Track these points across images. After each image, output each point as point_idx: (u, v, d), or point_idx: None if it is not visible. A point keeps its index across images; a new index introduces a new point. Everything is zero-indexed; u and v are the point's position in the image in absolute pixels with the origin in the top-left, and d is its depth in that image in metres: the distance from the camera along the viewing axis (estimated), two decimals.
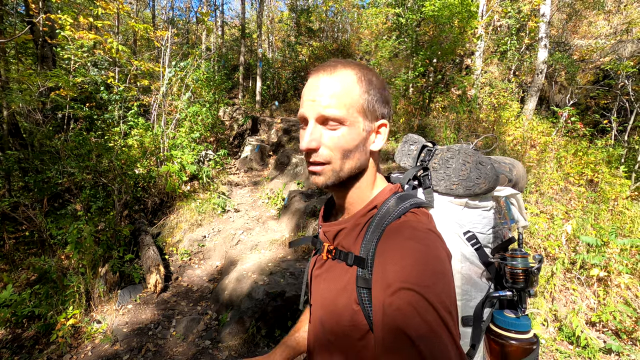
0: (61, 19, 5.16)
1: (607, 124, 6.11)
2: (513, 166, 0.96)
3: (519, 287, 0.80)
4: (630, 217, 4.29)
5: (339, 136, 0.65)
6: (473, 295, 0.79)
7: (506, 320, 0.78)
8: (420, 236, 0.61)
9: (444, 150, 0.88)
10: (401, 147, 0.99)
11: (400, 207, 0.67)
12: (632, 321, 3.14)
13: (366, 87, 0.66)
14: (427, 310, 0.53)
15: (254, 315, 3.03)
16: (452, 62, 8.91)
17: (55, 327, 3.04)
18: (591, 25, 10.10)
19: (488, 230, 0.84)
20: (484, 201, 0.84)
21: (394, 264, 0.59)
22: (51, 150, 4.78)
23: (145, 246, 4.09)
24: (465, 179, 0.81)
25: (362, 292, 0.65)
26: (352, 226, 0.72)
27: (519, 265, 0.80)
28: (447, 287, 0.57)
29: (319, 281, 0.77)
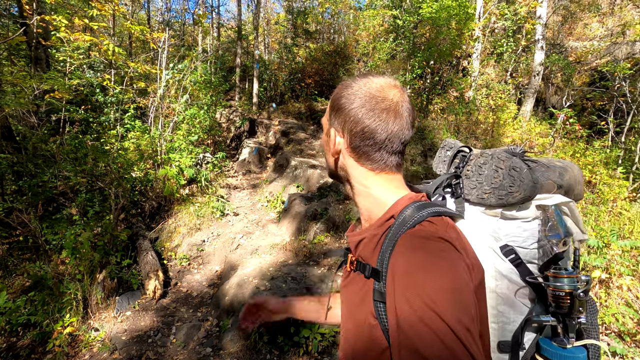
0: (56, 21, 5.08)
1: (604, 125, 6.15)
2: (565, 170, 0.84)
3: (562, 313, 0.71)
4: (629, 218, 4.31)
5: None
6: (512, 318, 0.72)
7: (553, 351, 0.68)
8: (432, 246, 0.58)
9: (478, 155, 0.82)
10: (438, 153, 0.93)
11: (416, 215, 0.64)
12: (634, 323, 3.14)
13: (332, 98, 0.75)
14: (441, 329, 0.50)
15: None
16: (449, 64, 8.94)
17: (52, 335, 2.97)
18: (586, 27, 10.20)
19: (531, 244, 0.76)
20: (522, 211, 0.76)
21: (403, 278, 0.56)
22: (46, 154, 4.69)
23: (144, 251, 4.02)
24: (497, 187, 0.75)
25: (379, 306, 0.62)
26: (371, 236, 0.70)
27: (565, 287, 0.70)
28: (462, 301, 0.53)
29: (345, 292, 0.76)
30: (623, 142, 5.96)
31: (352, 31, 13.09)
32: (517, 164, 0.76)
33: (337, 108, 0.71)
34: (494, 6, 8.00)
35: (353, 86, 0.69)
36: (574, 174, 0.85)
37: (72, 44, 5.48)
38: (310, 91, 11.31)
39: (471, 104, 7.00)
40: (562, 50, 9.39)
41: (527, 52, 8.79)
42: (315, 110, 10.34)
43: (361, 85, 0.69)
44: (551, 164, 0.85)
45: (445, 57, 8.15)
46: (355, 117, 0.68)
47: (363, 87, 0.68)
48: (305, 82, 11.41)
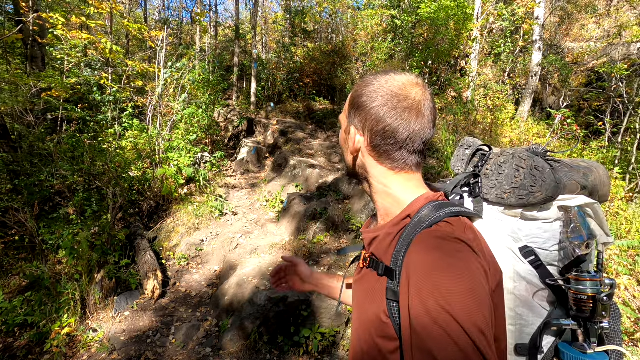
0: (52, 18, 5.03)
1: (601, 126, 6.19)
2: (590, 170, 0.81)
3: (584, 317, 0.69)
4: (626, 218, 4.34)
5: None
6: (530, 321, 0.70)
7: (572, 356, 0.66)
8: (448, 246, 0.57)
9: (498, 154, 0.81)
10: (457, 152, 0.92)
11: (433, 215, 0.63)
12: (631, 322, 3.15)
13: (351, 95, 0.74)
14: (455, 331, 0.49)
15: (256, 322, 2.96)
16: (448, 64, 8.96)
17: (49, 336, 2.94)
18: (583, 29, 10.26)
19: (552, 246, 0.74)
20: (543, 212, 0.74)
21: (418, 278, 0.55)
22: (43, 153, 4.65)
23: (142, 251, 4.00)
24: (518, 187, 0.73)
25: (392, 305, 0.61)
26: (385, 235, 0.69)
27: (588, 290, 0.67)
28: (477, 304, 0.52)
29: (356, 288, 0.76)
30: (620, 142, 6.00)
31: (351, 31, 13.09)
32: (539, 163, 0.74)
33: (358, 106, 0.70)
34: (492, 7, 8.03)
35: (374, 83, 0.68)
36: (599, 174, 0.83)
37: (69, 42, 5.43)
38: (309, 91, 11.30)
39: (469, 104, 7.02)
40: (559, 51, 9.45)
41: (525, 53, 8.83)
42: (314, 109, 10.33)
43: (383, 83, 0.67)
44: (575, 164, 0.82)
45: (444, 57, 8.18)
46: (377, 116, 0.67)
47: (385, 85, 0.67)
48: (303, 81, 11.39)
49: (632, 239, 3.90)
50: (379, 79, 0.68)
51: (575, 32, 10.35)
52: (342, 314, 2.98)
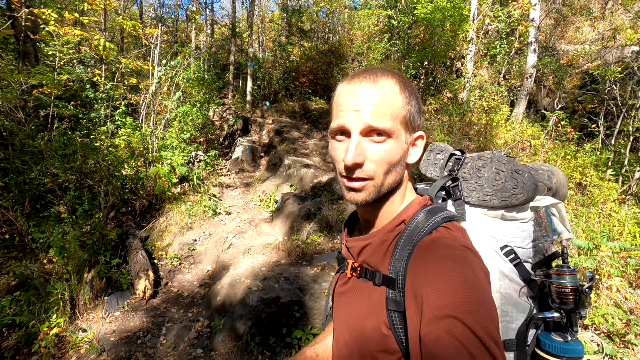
0: (45, 14, 4.97)
1: (595, 128, 6.23)
2: (552, 173, 0.89)
3: (568, 309, 0.73)
4: (618, 220, 4.36)
5: (385, 150, 0.61)
6: (515, 317, 0.73)
7: (555, 345, 0.71)
8: (458, 255, 0.56)
9: (475, 159, 0.82)
10: (427, 157, 0.93)
11: (431, 221, 0.62)
12: (623, 324, 3.17)
13: (408, 98, 0.63)
14: (472, 342, 0.48)
15: (248, 323, 2.94)
16: (444, 65, 8.97)
17: (38, 336, 2.90)
18: (578, 31, 10.33)
19: (528, 245, 0.78)
20: (522, 212, 0.77)
21: (430, 288, 0.53)
22: (34, 151, 4.59)
23: (134, 250, 3.96)
24: (500, 190, 0.75)
25: (394, 316, 0.59)
26: (379, 242, 0.67)
27: (568, 284, 0.73)
28: (490, 313, 0.52)
29: (343, 301, 0.72)
30: (613, 145, 6.04)
31: (347, 31, 13.07)
32: (519, 167, 0.76)
33: (419, 105, 0.66)
34: (488, 8, 8.05)
35: (404, 79, 0.65)
36: (560, 177, 0.91)
37: (62, 38, 5.36)
38: (305, 90, 11.27)
39: (465, 106, 7.04)
40: (554, 53, 9.50)
41: (520, 55, 8.87)
42: (310, 109, 10.30)
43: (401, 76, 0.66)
44: (539, 168, 0.89)
45: (440, 58, 8.18)
46: (422, 107, 0.67)
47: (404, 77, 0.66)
48: (299, 81, 11.36)
49: (625, 241, 3.92)
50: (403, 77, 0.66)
51: (570, 35, 10.42)
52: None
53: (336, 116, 0.64)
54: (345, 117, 0.62)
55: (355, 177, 0.62)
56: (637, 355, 2.94)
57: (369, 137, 0.61)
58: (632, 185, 5.35)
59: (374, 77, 0.62)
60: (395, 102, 0.61)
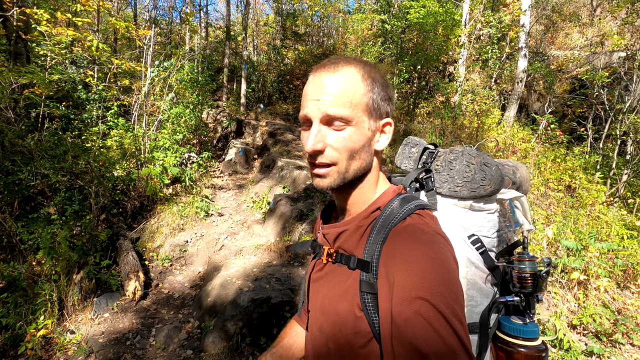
0: (37, 14, 4.94)
1: (584, 131, 6.33)
2: (516, 168, 0.95)
3: (527, 292, 0.77)
4: (606, 222, 4.43)
5: (345, 136, 0.63)
6: (479, 301, 0.76)
7: (513, 327, 0.75)
8: (429, 240, 0.58)
9: (447, 152, 0.86)
10: (402, 150, 0.97)
11: (404, 208, 0.65)
12: (610, 323, 3.22)
13: (370, 85, 0.65)
14: (439, 322, 0.50)
15: (239, 323, 2.93)
16: (436, 69, 9.08)
17: (24, 338, 2.85)
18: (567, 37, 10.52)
19: (493, 234, 0.81)
20: (488, 204, 0.81)
21: (401, 270, 0.56)
22: (23, 150, 4.53)
23: (124, 251, 3.92)
24: (469, 181, 0.79)
25: (366, 298, 0.61)
26: (355, 228, 0.69)
27: (527, 269, 0.77)
28: (457, 295, 0.54)
29: (318, 286, 0.74)
30: (601, 148, 6.15)
31: (341, 34, 13.16)
32: (487, 160, 0.80)
33: (387, 89, 0.68)
34: (479, 13, 8.18)
35: (368, 64, 0.67)
36: (523, 172, 0.96)
37: (54, 38, 5.33)
38: (299, 93, 11.31)
39: (457, 109, 7.12)
40: (544, 58, 9.66)
41: (511, 60, 9.00)
42: None
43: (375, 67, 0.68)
44: (505, 163, 0.95)
45: (432, 62, 8.28)
46: (393, 98, 0.69)
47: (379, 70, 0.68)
48: (293, 83, 11.41)
49: (612, 241, 3.99)
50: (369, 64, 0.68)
51: (559, 40, 10.61)
52: None
53: (302, 106, 0.67)
54: (307, 106, 0.64)
55: (318, 162, 0.65)
56: (624, 354, 2.98)
57: (330, 125, 0.64)
58: (620, 188, 5.44)
59: (335, 66, 0.64)
60: (355, 90, 0.63)
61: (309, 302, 0.78)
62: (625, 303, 3.45)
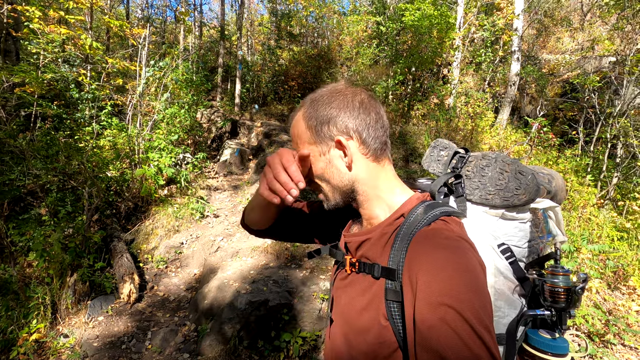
0: (29, 11, 4.85)
1: (575, 134, 6.43)
2: (552, 177, 0.90)
3: (559, 307, 0.75)
4: (597, 224, 4.51)
5: (312, 168, 0.73)
6: (506, 312, 0.74)
7: (542, 342, 0.72)
8: (453, 245, 0.58)
9: (479, 158, 0.83)
10: (429, 152, 0.94)
11: (429, 214, 0.64)
12: (602, 324, 3.27)
13: (307, 120, 0.72)
14: (465, 330, 0.49)
15: (236, 326, 2.91)
16: (430, 72, 9.15)
17: (17, 342, 2.80)
18: (558, 41, 10.69)
19: (524, 244, 0.79)
20: (521, 213, 0.78)
21: (424, 275, 0.55)
22: (14, 150, 4.45)
23: (118, 253, 3.87)
24: (503, 189, 0.76)
25: (392, 306, 0.61)
26: (379, 236, 0.69)
27: (561, 283, 0.74)
28: (484, 302, 0.53)
29: (342, 295, 0.74)
30: (592, 151, 6.26)
31: (336, 36, 13.18)
32: (523, 168, 0.78)
33: (329, 118, 0.72)
34: (473, 17, 8.26)
35: (322, 97, 0.73)
36: (559, 181, 0.92)
37: (46, 36, 5.23)
38: (294, 94, 11.29)
39: (451, 111, 7.18)
40: (536, 62, 9.80)
41: (504, 63, 9.12)
42: None
43: (326, 93, 0.74)
44: (539, 171, 0.90)
45: (427, 65, 8.34)
46: (352, 112, 0.70)
47: (329, 93, 0.74)
48: (288, 84, 11.38)
49: (603, 243, 4.06)
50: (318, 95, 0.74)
51: (551, 45, 10.79)
52: (323, 317, 2.96)
53: None
54: None
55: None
56: (616, 354, 3.03)
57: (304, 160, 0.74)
58: (610, 190, 5.54)
59: (292, 118, 0.77)
60: (299, 130, 0.74)
61: (333, 311, 0.78)
62: (616, 304, 3.50)
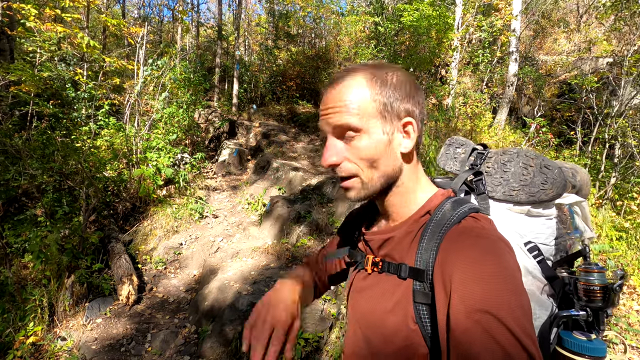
0: (25, 10, 4.78)
1: (573, 135, 6.46)
2: (576, 171, 0.87)
3: (595, 307, 0.71)
4: (596, 224, 4.52)
5: (359, 146, 0.62)
6: (537, 314, 0.71)
7: (579, 344, 0.68)
8: (490, 246, 0.54)
9: (499, 153, 0.80)
10: (445, 151, 0.91)
11: (457, 211, 0.61)
12: None
13: (379, 88, 0.62)
14: (506, 339, 0.46)
15: (238, 327, 2.87)
16: (429, 72, 9.16)
17: (13, 345, 2.74)
18: (555, 42, 10.76)
19: (551, 242, 0.76)
20: (547, 209, 0.76)
21: (460, 279, 0.52)
22: (10, 150, 4.38)
23: (116, 255, 3.82)
24: (528, 184, 0.74)
25: (421, 309, 0.57)
26: (404, 234, 0.65)
27: (596, 281, 0.71)
28: (525, 308, 0.50)
29: (363, 297, 0.70)
30: (590, 151, 6.29)
31: (334, 36, 13.17)
32: (548, 162, 0.75)
33: (410, 92, 0.64)
34: (471, 18, 8.28)
35: (377, 70, 0.64)
36: (583, 175, 0.89)
37: (43, 34, 5.17)
38: (292, 94, 11.26)
39: (450, 111, 7.19)
40: (533, 63, 9.85)
41: (502, 64, 9.15)
42: (297, 112, 10.29)
43: (388, 66, 0.65)
44: (562, 165, 0.86)
45: (425, 65, 8.35)
46: (419, 100, 0.65)
47: (392, 68, 0.65)
48: (286, 84, 11.35)
49: (603, 243, 4.07)
50: (380, 66, 0.65)
51: (548, 46, 10.85)
52: (326, 318, 2.93)
53: None
54: (321, 122, 0.65)
55: (340, 176, 0.65)
56: (617, 354, 3.03)
57: (343, 137, 0.63)
58: (608, 190, 5.56)
59: (340, 79, 0.63)
60: (360, 97, 0.61)
61: (350, 314, 0.74)
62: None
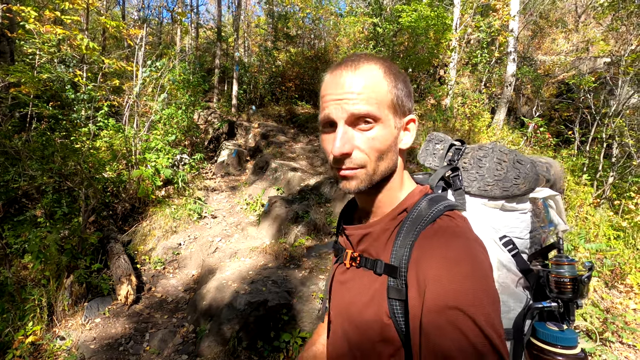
0: (24, 12, 4.81)
1: (571, 134, 6.48)
2: (550, 165, 0.89)
3: (566, 298, 0.73)
4: (594, 223, 4.54)
5: (373, 137, 0.60)
6: (512, 307, 0.72)
7: (550, 334, 0.71)
8: (464, 245, 0.55)
9: (475, 149, 0.82)
10: (425, 147, 0.91)
11: (433, 209, 0.61)
12: (600, 322, 3.28)
13: (394, 81, 0.62)
14: (476, 336, 0.47)
15: (235, 326, 2.89)
16: (427, 73, 9.18)
17: (12, 345, 2.76)
18: (553, 42, 10.78)
19: (526, 235, 0.77)
20: (521, 203, 0.77)
21: (433, 277, 0.53)
22: (9, 151, 4.41)
23: (115, 255, 3.84)
24: (501, 179, 0.75)
25: (395, 305, 0.59)
26: (381, 230, 0.66)
27: (566, 273, 0.73)
28: (496, 306, 0.51)
29: (342, 291, 0.71)
30: (588, 151, 6.30)
31: (333, 37, 13.20)
32: (521, 157, 0.76)
33: (408, 88, 0.65)
34: (469, 18, 8.31)
35: (390, 64, 0.64)
36: (557, 169, 0.90)
37: (42, 36, 5.20)
38: (291, 95, 11.29)
39: (448, 112, 7.21)
40: (531, 63, 9.88)
41: (500, 64, 9.17)
42: (296, 113, 10.32)
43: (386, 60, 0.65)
44: (537, 160, 0.88)
45: (424, 66, 8.38)
46: (412, 90, 0.66)
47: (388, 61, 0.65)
48: (285, 85, 11.39)
49: (600, 242, 4.08)
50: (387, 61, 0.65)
51: (546, 46, 10.88)
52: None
53: (322, 107, 0.63)
54: (329, 107, 0.61)
55: (346, 166, 0.61)
56: (614, 352, 3.04)
57: (356, 125, 0.60)
58: (606, 190, 5.58)
59: (355, 63, 0.61)
60: (379, 87, 0.60)
61: (331, 307, 0.75)
62: (614, 302, 3.52)
